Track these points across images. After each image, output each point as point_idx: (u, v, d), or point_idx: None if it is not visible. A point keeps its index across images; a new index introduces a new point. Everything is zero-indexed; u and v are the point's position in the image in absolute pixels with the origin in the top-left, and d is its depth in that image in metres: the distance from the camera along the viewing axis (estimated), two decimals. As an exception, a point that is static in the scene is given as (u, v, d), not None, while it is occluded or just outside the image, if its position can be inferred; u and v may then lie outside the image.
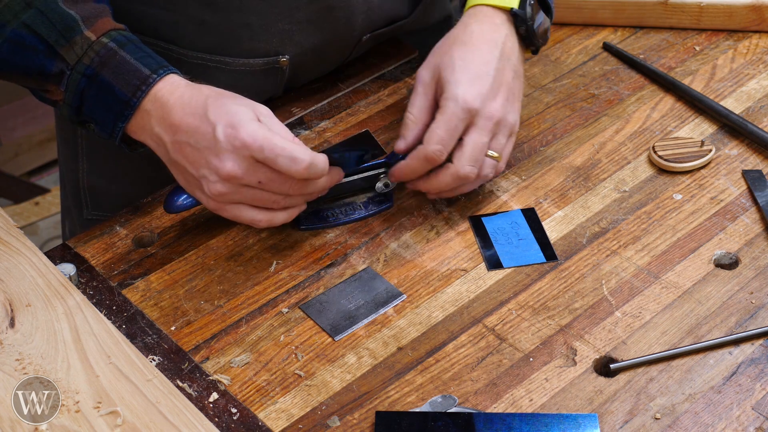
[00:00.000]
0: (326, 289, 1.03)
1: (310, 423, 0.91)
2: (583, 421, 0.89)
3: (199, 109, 0.99)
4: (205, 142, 0.98)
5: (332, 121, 1.24)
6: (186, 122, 0.99)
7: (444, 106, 1.04)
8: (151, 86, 1.01)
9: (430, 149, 1.04)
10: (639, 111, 1.24)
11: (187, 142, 0.99)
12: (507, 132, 1.08)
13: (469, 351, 0.96)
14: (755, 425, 0.88)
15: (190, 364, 0.96)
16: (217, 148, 0.97)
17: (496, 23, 1.10)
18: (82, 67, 1.01)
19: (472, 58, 1.06)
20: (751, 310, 0.99)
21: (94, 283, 1.04)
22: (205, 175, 0.99)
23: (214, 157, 0.98)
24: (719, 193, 1.12)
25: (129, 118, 1.02)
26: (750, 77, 1.28)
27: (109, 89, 1.01)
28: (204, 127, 0.98)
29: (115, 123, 1.02)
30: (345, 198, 1.11)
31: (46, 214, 2.70)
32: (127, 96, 1.01)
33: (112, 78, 1.01)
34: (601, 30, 1.38)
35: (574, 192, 1.13)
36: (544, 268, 1.05)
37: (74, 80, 1.01)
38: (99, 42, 1.01)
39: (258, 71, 1.19)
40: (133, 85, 1.01)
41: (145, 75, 1.01)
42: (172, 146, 1.00)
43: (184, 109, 1.00)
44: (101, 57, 1.01)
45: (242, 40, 1.16)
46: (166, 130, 1.00)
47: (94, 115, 1.03)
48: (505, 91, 1.07)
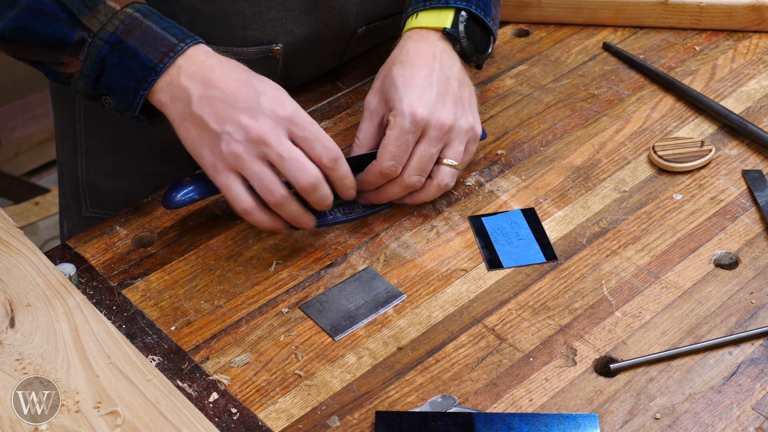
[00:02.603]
0: (326, 289, 1.03)
1: (310, 423, 0.91)
2: (583, 421, 0.89)
3: (244, 77, 1.00)
4: (244, 103, 0.98)
5: (332, 121, 1.24)
6: (228, 84, 0.99)
7: (393, 122, 1.06)
8: (179, 54, 1.00)
9: (384, 165, 1.06)
10: (639, 111, 1.24)
11: (221, 98, 0.99)
12: (463, 138, 1.08)
13: (469, 351, 0.96)
14: (755, 425, 0.88)
15: (190, 364, 0.96)
16: (256, 110, 0.98)
17: (431, 41, 1.11)
18: (105, 34, 1.00)
19: (412, 73, 1.08)
20: (751, 310, 0.99)
21: (94, 283, 1.04)
22: (229, 131, 0.98)
23: (249, 118, 0.98)
24: (719, 193, 1.12)
25: (151, 85, 1.01)
26: (750, 77, 1.28)
27: (134, 55, 1.00)
28: (247, 91, 0.99)
29: (136, 90, 1.01)
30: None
31: (46, 214, 2.70)
32: (153, 62, 1.00)
33: (138, 44, 1.00)
34: (601, 30, 1.38)
35: (574, 192, 1.13)
36: (544, 268, 1.05)
37: (96, 47, 1.01)
38: (123, 12, 1.01)
39: (252, 60, 1.19)
40: (160, 52, 1.00)
41: (173, 43, 1.01)
42: (199, 100, 0.99)
43: (225, 72, 1.00)
44: (126, 25, 1.01)
45: (235, 28, 1.17)
46: (199, 83, 1.00)
47: (115, 84, 1.02)
48: (452, 99, 1.08)
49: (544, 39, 1.37)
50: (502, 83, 1.29)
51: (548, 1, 1.37)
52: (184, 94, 1.00)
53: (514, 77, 1.30)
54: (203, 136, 1.00)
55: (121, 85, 1.02)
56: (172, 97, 1.01)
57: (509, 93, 1.28)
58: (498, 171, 1.16)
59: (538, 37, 1.37)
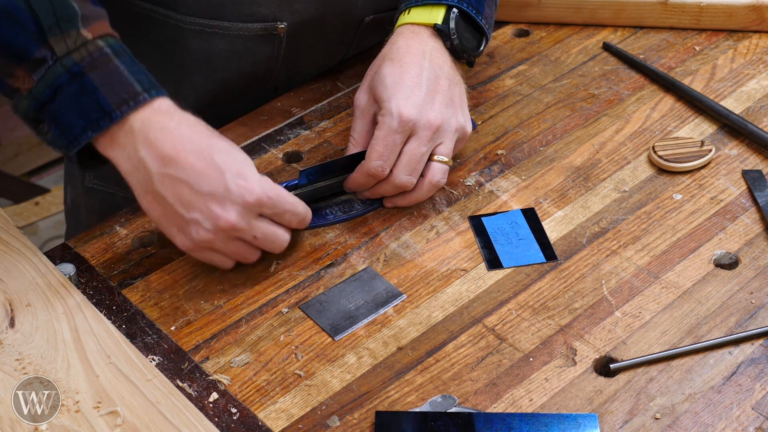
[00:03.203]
0: (326, 289, 1.03)
1: (310, 423, 0.91)
2: (583, 421, 0.89)
3: (203, 149, 0.95)
4: (209, 187, 0.95)
5: (332, 121, 1.24)
6: (187, 159, 0.95)
7: (381, 122, 1.06)
8: (139, 104, 0.95)
9: (371, 165, 1.06)
10: (639, 111, 1.24)
11: (184, 180, 0.95)
12: (453, 136, 1.09)
13: (469, 351, 0.96)
14: (755, 425, 0.88)
15: (190, 364, 0.96)
16: (224, 197, 0.95)
17: (422, 37, 1.11)
18: (69, 62, 0.95)
19: (401, 72, 1.08)
20: (751, 310, 0.99)
21: (94, 283, 1.04)
22: (198, 219, 0.96)
23: (217, 205, 0.95)
24: (719, 193, 1.12)
25: (103, 130, 0.95)
26: (750, 77, 1.28)
27: (92, 93, 0.95)
28: (211, 172, 0.95)
29: (83, 130, 0.96)
30: (342, 196, 1.12)
31: (46, 214, 2.70)
32: (111, 107, 0.95)
33: (99, 83, 0.95)
34: (601, 30, 1.38)
35: (574, 192, 1.13)
36: (544, 268, 1.05)
37: (55, 73, 0.95)
38: (94, 43, 0.96)
39: (255, 37, 1.19)
40: (120, 98, 0.95)
41: (136, 91, 0.96)
42: (160, 178, 0.95)
43: (183, 143, 0.95)
44: (93, 58, 0.96)
45: (242, 3, 1.16)
46: (156, 159, 0.95)
47: (62, 117, 0.96)
48: (441, 98, 1.08)
49: (544, 39, 1.37)
50: (502, 83, 1.29)
51: (548, 1, 1.37)
52: (143, 167, 0.96)
53: (514, 77, 1.30)
54: (172, 218, 0.97)
55: (68, 119, 0.96)
56: (130, 165, 0.96)
57: (509, 93, 1.28)
58: (498, 171, 1.16)
59: (538, 37, 1.37)
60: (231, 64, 1.21)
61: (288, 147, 1.20)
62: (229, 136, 1.20)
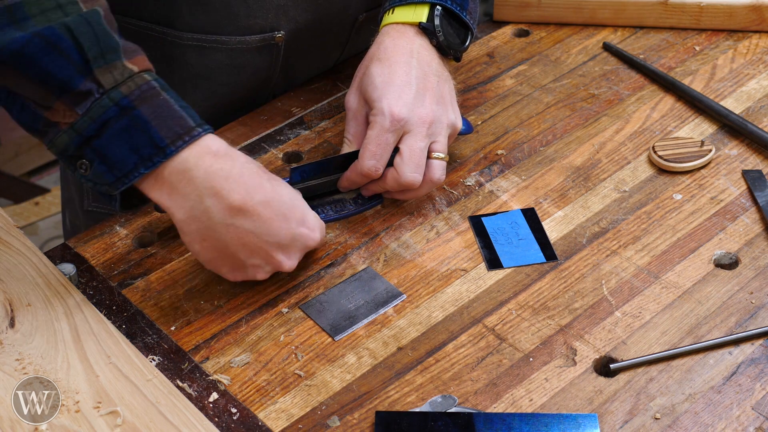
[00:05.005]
0: (326, 289, 1.03)
1: (310, 423, 0.91)
2: (583, 421, 0.89)
3: (269, 199, 0.95)
4: (277, 237, 0.96)
5: (332, 121, 1.24)
6: (255, 210, 0.94)
7: (373, 122, 1.06)
8: (194, 139, 0.92)
9: (365, 165, 1.06)
10: (639, 111, 1.24)
11: (251, 231, 0.94)
12: (445, 132, 1.09)
13: (469, 351, 0.96)
14: (755, 425, 0.88)
15: (190, 364, 0.96)
16: (289, 246, 0.98)
17: (408, 36, 1.11)
18: (117, 95, 0.90)
19: (390, 72, 1.08)
20: (751, 310, 0.99)
21: (94, 283, 1.04)
22: (259, 264, 0.98)
23: (281, 253, 0.97)
24: (719, 193, 1.12)
25: (157, 166, 0.91)
26: (750, 77, 1.28)
27: (144, 127, 0.90)
28: (277, 222, 0.95)
29: (136, 167, 0.91)
30: (334, 195, 1.12)
31: (46, 214, 2.70)
32: (165, 142, 0.91)
33: (150, 117, 0.91)
34: (601, 30, 1.38)
35: (574, 192, 1.13)
36: (544, 268, 1.05)
37: (102, 106, 0.90)
38: (141, 76, 0.92)
39: (254, 48, 1.19)
40: (174, 133, 0.91)
41: (190, 126, 0.92)
42: (225, 228, 0.94)
43: (251, 194, 0.93)
44: (143, 92, 0.91)
45: (239, 16, 1.17)
46: (223, 210, 0.93)
47: (111, 153, 0.91)
48: (431, 95, 1.08)
49: (544, 39, 1.37)
50: (502, 83, 1.29)
51: (548, 1, 1.37)
52: (206, 217, 0.93)
53: (514, 77, 1.30)
54: (225, 259, 0.98)
55: (118, 156, 0.91)
56: (189, 211, 0.93)
57: (509, 93, 1.28)
58: (498, 171, 1.16)
59: (538, 37, 1.37)
60: (230, 77, 1.21)
61: (288, 147, 1.20)
62: (229, 136, 1.21)
